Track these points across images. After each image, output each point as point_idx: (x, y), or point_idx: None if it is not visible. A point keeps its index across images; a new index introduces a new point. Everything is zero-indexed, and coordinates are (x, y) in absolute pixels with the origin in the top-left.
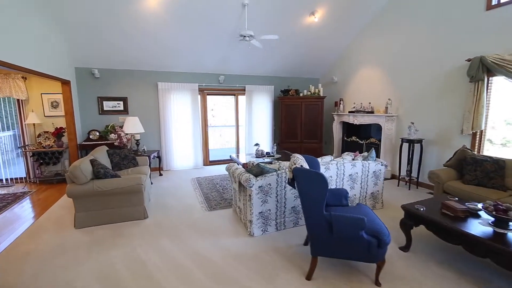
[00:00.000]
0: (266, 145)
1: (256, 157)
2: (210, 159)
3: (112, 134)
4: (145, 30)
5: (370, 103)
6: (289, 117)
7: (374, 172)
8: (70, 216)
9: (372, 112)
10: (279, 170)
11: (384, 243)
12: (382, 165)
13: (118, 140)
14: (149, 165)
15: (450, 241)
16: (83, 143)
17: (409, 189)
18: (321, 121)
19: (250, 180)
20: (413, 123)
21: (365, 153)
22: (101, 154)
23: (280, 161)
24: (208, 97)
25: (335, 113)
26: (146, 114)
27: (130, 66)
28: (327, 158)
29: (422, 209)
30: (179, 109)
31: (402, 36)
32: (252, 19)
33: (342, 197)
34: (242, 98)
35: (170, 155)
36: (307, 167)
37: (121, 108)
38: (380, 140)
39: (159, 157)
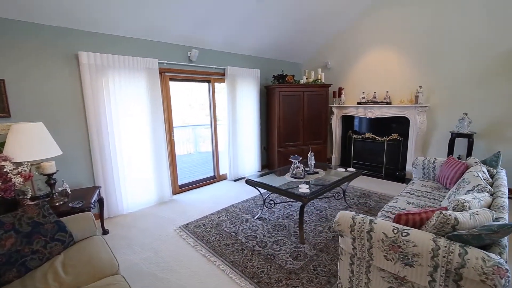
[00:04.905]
0: (256, 152)
1: (294, 178)
2: (180, 183)
3: None
4: None
5: (387, 92)
6: (288, 112)
7: None
8: None
9: (389, 103)
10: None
11: None
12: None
13: None
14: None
15: None
16: None
17: None
18: (326, 115)
19: None
20: (466, 114)
21: (472, 158)
22: None
23: (462, 198)
24: (172, 83)
25: (335, 105)
26: (55, 117)
27: (14, 12)
28: (475, 180)
29: None
30: (126, 103)
31: (434, 7)
32: None
33: None
34: (219, 86)
35: (115, 189)
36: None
37: None
38: (401, 136)
39: (99, 200)
